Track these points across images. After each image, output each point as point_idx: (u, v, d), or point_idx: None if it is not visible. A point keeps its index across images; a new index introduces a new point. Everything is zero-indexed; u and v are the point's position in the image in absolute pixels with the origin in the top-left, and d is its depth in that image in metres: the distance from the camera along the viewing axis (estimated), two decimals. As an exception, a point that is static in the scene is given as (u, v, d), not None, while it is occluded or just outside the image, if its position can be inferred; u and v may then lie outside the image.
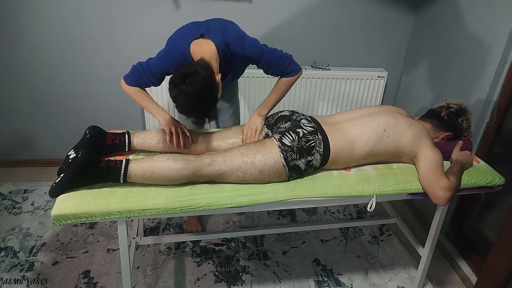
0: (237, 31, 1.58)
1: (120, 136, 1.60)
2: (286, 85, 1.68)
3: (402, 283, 1.99)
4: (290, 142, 1.49)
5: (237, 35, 1.55)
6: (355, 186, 1.53)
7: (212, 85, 1.39)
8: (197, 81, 1.33)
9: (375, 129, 1.56)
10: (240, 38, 1.55)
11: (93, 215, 1.32)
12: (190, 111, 1.42)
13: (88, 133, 1.54)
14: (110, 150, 1.58)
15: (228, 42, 1.54)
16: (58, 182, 1.36)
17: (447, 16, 2.21)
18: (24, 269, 1.91)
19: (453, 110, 1.74)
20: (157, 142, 1.62)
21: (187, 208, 1.37)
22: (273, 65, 1.61)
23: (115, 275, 1.91)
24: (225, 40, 1.54)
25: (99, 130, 1.57)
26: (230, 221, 2.34)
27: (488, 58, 1.88)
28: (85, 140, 1.53)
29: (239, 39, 1.55)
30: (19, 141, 2.64)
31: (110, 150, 1.58)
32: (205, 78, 1.36)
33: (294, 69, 1.65)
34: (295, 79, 1.68)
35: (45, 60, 2.39)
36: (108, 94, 2.53)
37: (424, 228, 2.35)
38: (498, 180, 1.65)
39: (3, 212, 2.29)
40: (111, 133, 1.60)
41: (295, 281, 1.95)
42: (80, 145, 1.52)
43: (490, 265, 1.51)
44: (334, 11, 2.48)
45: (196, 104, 1.37)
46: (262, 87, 2.51)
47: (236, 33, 1.56)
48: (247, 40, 1.57)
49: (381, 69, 2.66)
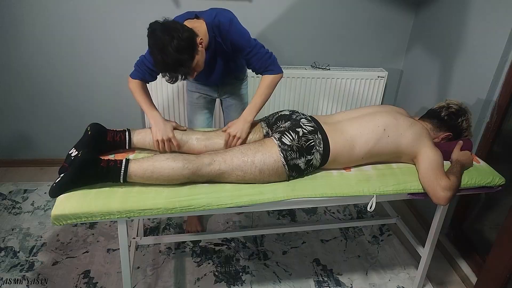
0: (231, 17, 1.59)
1: (121, 133, 1.60)
2: (269, 87, 1.68)
3: (402, 283, 1.99)
4: (290, 141, 1.49)
5: (229, 19, 1.58)
6: (355, 186, 1.53)
7: (190, 41, 1.40)
8: (177, 33, 1.36)
9: (375, 129, 1.56)
10: (231, 22, 1.57)
11: (93, 215, 1.32)
12: (162, 62, 1.39)
13: (89, 130, 1.54)
14: (111, 148, 1.59)
15: (218, 23, 1.56)
16: (58, 182, 1.36)
17: (447, 16, 2.21)
18: (24, 269, 1.91)
19: (453, 110, 1.74)
20: None
21: (187, 208, 1.37)
22: (256, 58, 1.63)
23: (115, 275, 1.91)
24: (216, 21, 1.56)
25: (100, 128, 1.57)
26: (230, 221, 2.34)
27: (488, 58, 1.88)
28: (86, 137, 1.53)
29: (230, 22, 1.57)
30: (19, 141, 2.64)
31: (111, 147, 1.59)
32: (186, 31, 1.40)
33: (275, 68, 1.67)
34: (276, 81, 1.69)
35: (45, 60, 2.39)
36: (108, 94, 2.53)
37: (424, 228, 2.35)
38: (498, 180, 1.64)
39: (3, 212, 2.29)
40: (112, 131, 1.60)
41: (295, 281, 1.95)
42: (82, 142, 1.52)
43: (490, 265, 1.51)
44: (334, 11, 2.48)
45: (168, 54, 1.36)
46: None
47: (228, 18, 1.58)
48: (237, 26, 1.59)
49: (381, 69, 2.66)
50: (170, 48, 1.35)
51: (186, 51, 1.40)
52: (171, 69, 1.41)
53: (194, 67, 1.48)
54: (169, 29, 1.37)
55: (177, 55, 1.37)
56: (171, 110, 2.52)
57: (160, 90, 2.42)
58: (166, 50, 1.36)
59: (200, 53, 1.48)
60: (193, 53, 1.43)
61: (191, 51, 1.42)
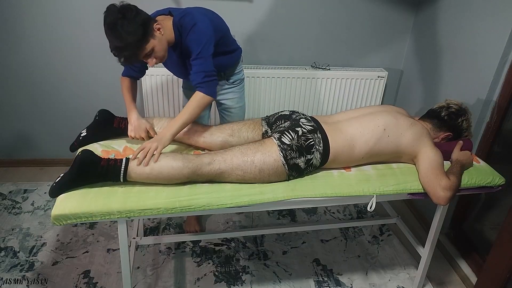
0: (198, 21, 1.54)
1: (126, 121, 1.68)
2: (196, 106, 1.54)
3: (402, 283, 1.99)
4: (289, 140, 1.49)
5: (193, 23, 1.54)
6: (355, 186, 1.53)
7: (143, 22, 1.39)
8: (130, 13, 1.36)
9: (375, 129, 1.56)
10: (194, 25, 1.54)
11: (93, 215, 1.31)
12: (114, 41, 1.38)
13: (97, 116, 1.68)
14: (117, 133, 1.69)
15: (181, 24, 1.56)
16: (58, 182, 1.36)
17: (447, 16, 2.21)
18: (24, 269, 1.91)
19: (453, 110, 1.74)
20: (160, 128, 1.68)
21: (187, 208, 1.37)
22: (194, 70, 1.56)
23: (115, 275, 1.91)
24: (181, 20, 1.56)
25: (108, 114, 1.70)
26: (230, 221, 2.34)
27: (488, 58, 1.88)
28: (94, 123, 1.67)
29: (193, 25, 1.54)
30: (19, 141, 2.64)
31: (117, 133, 1.69)
32: (140, 13, 1.40)
33: (207, 88, 1.55)
34: (205, 101, 1.56)
35: (45, 60, 2.39)
36: (108, 94, 2.53)
37: (424, 228, 2.35)
38: (498, 180, 1.65)
39: (3, 212, 2.29)
40: (118, 118, 1.71)
41: (295, 281, 1.95)
42: (90, 126, 1.66)
43: (490, 265, 1.51)
44: (334, 11, 2.48)
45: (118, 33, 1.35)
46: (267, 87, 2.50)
47: (195, 20, 1.54)
48: (197, 29, 1.53)
49: (381, 69, 2.65)
50: (121, 28, 1.35)
51: (137, 31, 1.38)
52: (121, 49, 1.39)
53: (150, 52, 1.46)
54: (122, 9, 1.37)
55: (126, 35, 1.36)
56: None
57: (155, 86, 2.42)
58: (116, 30, 1.35)
59: (157, 38, 1.46)
60: (145, 34, 1.41)
61: (145, 31, 1.40)
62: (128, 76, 1.72)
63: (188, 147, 1.70)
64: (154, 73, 2.35)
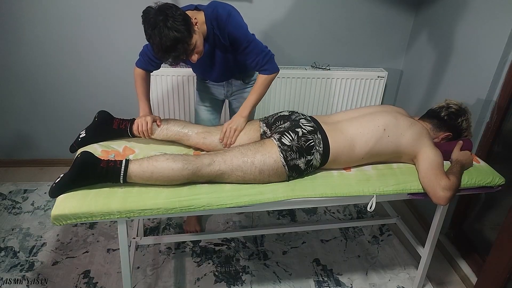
0: (230, 9, 1.57)
1: (126, 122, 1.68)
2: (263, 86, 1.70)
3: (402, 283, 1.99)
4: (289, 141, 1.49)
5: (228, 12, 1.56)
6: (355, 186, 1.53)
7: (185, 17, 1.39)
8: (171, 11, 1.36)
9: (375, 129, 1.56)
10: (229, 14, 1.55)
11: (93, 215, 1.32)
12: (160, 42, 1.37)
13: (96, 117, 1.67)
14: (117, 135, 1.67)
15: (216, 15, 1.55)
16: (58, 182, 1.36)
17: (447, 16, 2.21)
18: (24, 269, 1.91)
19: (453, 110, 1.74)
20: (160, 129, 1.66)
21: (187, 208, 1.38)
22: (252, 55, 1.63)
23: (115, 275, 1.91)
24: (214, 13, 1.55)
25: (107, 115, 1.68)
26: (230, 221, 2.34)
27: (488, 58, 1.88)
28: (93, 124, 1.66)
29: (228, 15, 1.55)
30: (19, 141, 2.64)
31: (116, 134, 1.67)
32: (179, 9, 1.40)
33: (270, 67, 1.67)
34: (271, 78, 1.70)
35: (45, 60, 2.39)
36: (108, 94, 2.53)
37: (424, 228, 2.35)
38: (498, 180, 1.65)
39: (3, 212, 2.29)
40: (118, 119, 1.69)
41: (295, 281, 1.95)
42: (90, 127, 1.66)
43: (490, 265, 1.51)
44: (334, 11, 2.48)
45: (165, 33, 1.35)
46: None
47: (227, 10, 1.56)
48: (236, 19, 1.57)
49: (381, 69, 2.65)
50: (165, 27, 1.34)
51: (182, 27, 1.37)
52: (171, 48, 1.38)
53: (193, 47, 1.46)
54: (162, 9, 1.36)
55: (174, 33, 1.35)
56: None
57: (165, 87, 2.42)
58: (162, 29, 1.34)
59: (197, 33, 1.47)
60: (190, 29, 1.41)
61: (188, 27, 1.40)
62: (144, 69, 1.71)
63: (188, 148, 1.70)
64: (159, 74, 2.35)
